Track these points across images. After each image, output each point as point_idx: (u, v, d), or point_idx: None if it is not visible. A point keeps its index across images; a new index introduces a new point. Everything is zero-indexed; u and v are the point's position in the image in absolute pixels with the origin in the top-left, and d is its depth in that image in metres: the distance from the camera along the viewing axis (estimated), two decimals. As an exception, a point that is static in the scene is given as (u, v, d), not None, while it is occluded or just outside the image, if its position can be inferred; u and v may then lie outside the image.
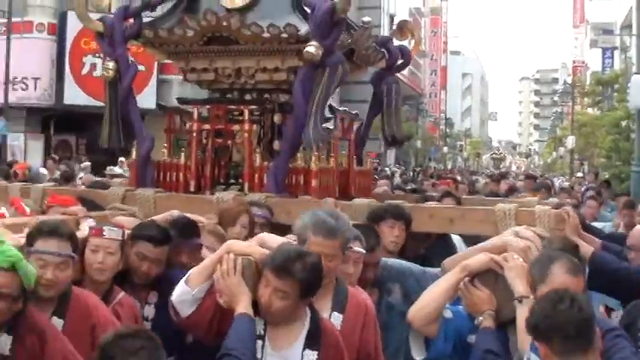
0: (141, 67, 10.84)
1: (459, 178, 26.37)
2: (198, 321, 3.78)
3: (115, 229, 4.39)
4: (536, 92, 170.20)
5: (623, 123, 33.04)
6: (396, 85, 7.93)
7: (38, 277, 3.64)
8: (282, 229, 5.13)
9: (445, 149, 79.05)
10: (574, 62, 79.03)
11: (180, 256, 4.71)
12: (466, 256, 4.09)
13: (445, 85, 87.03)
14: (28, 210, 5.49)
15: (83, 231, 4.54)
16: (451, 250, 6.45)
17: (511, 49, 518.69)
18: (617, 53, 53.15)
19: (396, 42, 8.16)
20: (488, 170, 61.24)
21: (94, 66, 27.02)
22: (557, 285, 3.40)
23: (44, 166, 20.22)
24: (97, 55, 26.12)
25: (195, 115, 7.00)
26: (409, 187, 13.03)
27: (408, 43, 8.28)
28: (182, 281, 3.78)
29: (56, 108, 28.13)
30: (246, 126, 6.88)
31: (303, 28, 6.64)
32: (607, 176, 30.41)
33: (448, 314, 3.86)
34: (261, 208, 5.96)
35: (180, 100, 7.34)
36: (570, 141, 52.63)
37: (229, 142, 7.04)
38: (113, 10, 21.70)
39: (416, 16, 68.31)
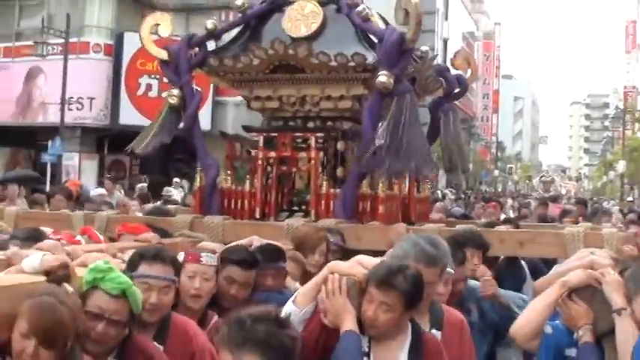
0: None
1: (510, 201, 26.42)
2: (305, 340, 3.71)
3: (211, 255, 4.42)
4: (587, 117, 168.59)
5: None
6: (454, 113, 7.96)
7: (143, 301, 3.65)
8: (353, 255, 5.20)
9: (496, 172, 78.83)
10: (625, 87, 78.33)
11: (266, 280, 4.73)
12: (556, 276, 4.20)
13: (497, 109, 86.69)
14: (101, 237, 5.53)
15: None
16: (520, 272, 6.77)
17: (562, 74, 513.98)
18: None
19: (452, 71, 8.20)
20: (538, 193, 60.80)
21: (149, 86, 27.42)
22: None
23: (100, 185, 20.37)
24: (153, 76, 26.55)
25: (262, 143, 7.05)
26: (460, 214, 13.03)
27: (464, 71, 8.25)
28: (290, 301, 3.82)
29: (111, 128, 28.43)
30: (312, 153, 6.91)
31: (370, 57, 6.67)
32: None
33: (548, 330, 3.96)
34: (333, 234, 6.00)
35: (247, 128, 7.39)
36: (621, 165, 52.55)
37: (293, 169, 7.08)
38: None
39: (469, 40, 68.31)
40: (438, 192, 35.87)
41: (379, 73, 6.42)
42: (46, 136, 26.94)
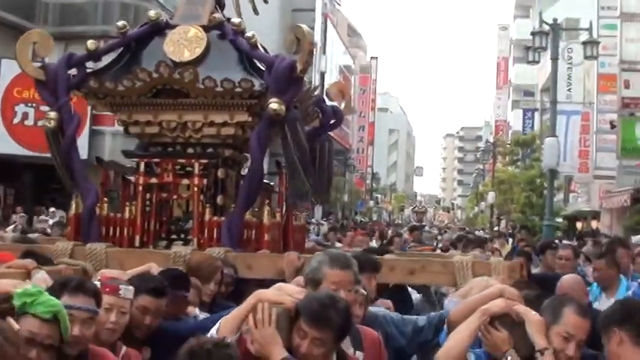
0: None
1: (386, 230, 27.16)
2: None
3: (129, 287, 4.25)
4: (460, 149, 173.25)
5: (537, 181, 34.91)
6: (329, 144, 7.98)
7: None
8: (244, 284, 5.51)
9: (371, 203, 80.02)
10: (497, 121, 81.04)
11: (168, 307, 4.64)
12: (467, 305, 4.38)
13: (372, 141, 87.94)
14: None
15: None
16: (407, 297, 7.07)
17: (437, 107, 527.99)
18: (537, 114, 54.88)
19: (328, 102, 8.19)
20: (412, 223, 62.11)
21: (25, 115, 26.54)
22: (571, 325, 3.99)
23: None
24: (30, 104, 25.78)
25: (142, 168, 6.83)
26: (326, 243, 13.54)
27: (339, 103, 8.28)
28: (213, 331, 3.77)
29: (-15, 156, 27.37)
30: (195, 180, 6.75)
31: (257, 84, 6.59)
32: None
33: (471, 358, 4.13)
34: (226, 266, 5.93)
35: (127, 153, 7.15)
36: (491, 196, 54.48)
37: (173, 196, 6.91)
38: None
39: (346, 73, 69.22)
40: (314, 221, 36.24)
41: (271, 100, 6.37)
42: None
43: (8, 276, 4.94)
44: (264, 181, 7.06)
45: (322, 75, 55.77)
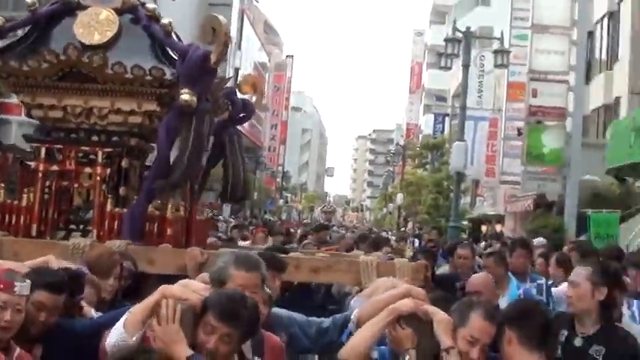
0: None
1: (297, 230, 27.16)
2: None
3: (25, 283, 3.94)
4: (372, 151, 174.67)
5: (444, 183, 35.87)
6: (238, 137, 7.79)
7: None
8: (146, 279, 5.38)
9: (281, 202, 79.97)
10: (408, 125, 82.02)
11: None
12: (374, 305, 4.41)
13: (285, 140, 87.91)
14: None
15: None
16: (313, 298, 7.17)
17: (351, 109, 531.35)
18: (447, 119, 55.92)
19: (239, 95, 7.98)
20: (320, 222, 62.23)
21: None
22: (476, 329, 4.06)
23: None
24: None
25: (43, 154, 6.54)
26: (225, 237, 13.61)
27: (250, 97, 8.11)
28: (119, 326, 3.66)
29: None
30: (98, 169, 6.50)
31: (169, 73, 6.38)
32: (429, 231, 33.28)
33: (374, 355, 4.20)
34: (125, 259, 5.69)
35: (28, 138, 6.84)
36: (399, 198, 55.37)
37: (74, 185, 6.64)
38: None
39: (261, 70, 68.94)
40: (221, 218, 36.01)
41: (182, 91, 6.15)
42: None
43: None
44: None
45: (236, 71, 55.41)
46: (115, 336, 3.64)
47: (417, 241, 27.68)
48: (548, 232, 21.79)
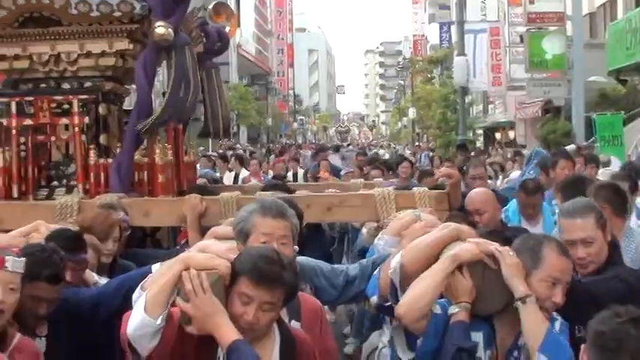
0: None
1: (309, 152, 26.89)
2: (161, 356, 3.10)
3: (18, 258, 3.43)
4: (381, 64, 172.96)
5: (451, 97, 35.79)
6: (216, 70, 7.33)
7: None
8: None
9: (295, 125, 79.81)
10: (414, 36, 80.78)
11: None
12: (422, 251, 3.76)
13: (292, 63, 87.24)
14: None
15: None
16: (325, 237, 6.63)
17: (355, 23, 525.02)
18: (453, 28, 55.05)
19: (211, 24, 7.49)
20: (335, 142, 62.30)
21: None
22: (555, 268, 3.51)
23: None
24: None
25: (14, 109, 6.08)
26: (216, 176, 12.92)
27: (224, 26, 7.55)
28: (139, 310, 3.06)
29: None
30: (75, 119, 6.05)
31: (138, 7, 5.92)
32: (437, 145, 36.17)
33: (437, 309, 3.61)
34: (118, 210, 5.26)
35: (-6, 92, 6.37)
36: (411, 112, 54.96)
37: (51, 138, 6.21)
38: None
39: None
40: (238, 145, 35.83)
41: (157, 24, 5.72)
42: None
43: None
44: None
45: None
46: (137, 321, 3.08)
47: (430, 154, 27.36)
48: (558, 137, 21.51)
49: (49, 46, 6.10)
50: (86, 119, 6.10)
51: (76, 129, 6.05)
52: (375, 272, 4.14)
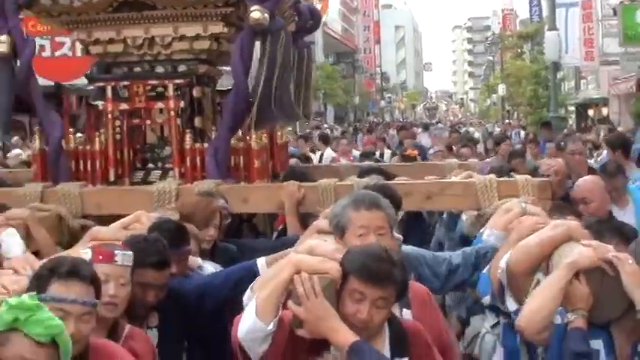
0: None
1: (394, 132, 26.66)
2: (273, 357, 3.10)
3: (127, 252, 3.48)
4: (469, 40, 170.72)
5: (542, 73, 36.06)
6: (308, 50, 7.22)
7: None
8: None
9: (382, 103, 79.49)
10: (503, 11, 79.38)
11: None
12: (527, 252, 3.71)
13: (379, 40, 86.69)
14: None
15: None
16: (425, 225, 6.56)
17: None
18: (544, 1, 53.87)
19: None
20: (423, 120, 61.81)
21: (42, 48, 25.73)
22: None
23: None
24: (45, 37, 25.25)
25: (110, 93, 6.08)
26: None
27: (314, 3, 7.44)
28: (251, 314, 3.06)
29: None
30: (172, 103, 6.01)
31: (233, -11, 5.83)
32: (528, 122, 35.32)
33: (557, 319, 3.54)
34: (217, 197, 5.22)
35: (90, 77, 6.38)
36: (501, 89, 54.16)
37: (146, 122, 6.20)
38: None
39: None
40: (325, 125, 35.88)
41: (252, 9, 5.63)
42: None
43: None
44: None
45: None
46: (249, 325, 3.08)
47: (522, 133, 26.78)
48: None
49: (143, 29, 6.06)
50: (182, 103, 6.06)
51: (172, 113, 6.01)
52: (484, 270, 4.09)
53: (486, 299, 4.05)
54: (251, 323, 3.02)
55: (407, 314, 3.66)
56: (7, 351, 2.53)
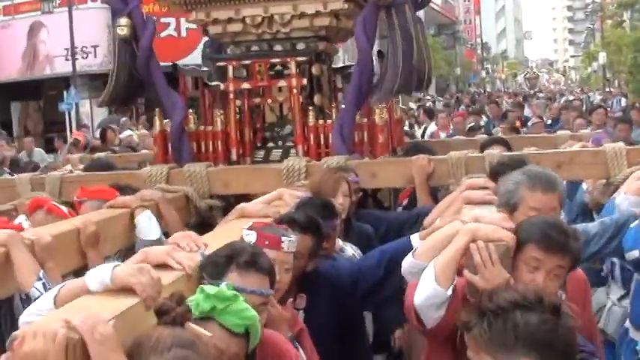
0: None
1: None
2: (443, 328, 3.07)
3: (293, 238, 3.43)
4: (569, 8, 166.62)
5: None
6: (421, 24, 6.99)
7: None
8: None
9: (483, 73, 78.47)
10: (604, -24, 77.29)
11: None
12: None
13: (479, 10, 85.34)
14: (64, 209, 4.37)
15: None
16: None
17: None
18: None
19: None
20: (524, 90, 60.70)
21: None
22: None
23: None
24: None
25: (231, 73, 6.06)
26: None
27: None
28: (430, 280, 3.02)
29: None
30: (294, 81, 5.96)
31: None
32: (630, 90, 34.71)
33: None
34: (348, 172, 5.15)
35: (208, 57, 6.38)
36: (602, 57, 52.84)
37: (267, 100, 6.17)
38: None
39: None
40: (428, 97, 35.49)
41: None
42: (54, 87, 27.01)
43: (115, 220, 4.33)
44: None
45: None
46: (428, 292, 3.03)
47: (623, 100, 25.88)
48: None
49: (262, 8, 6.04)
50: (304, 81, 6.01)
51: (294, 91, 5.97)
52: (633, 225, 3.97)
53: (633, 253, 3.91)
54: (431, 289, 2.99)
55: (561, 296, 3.40)
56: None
